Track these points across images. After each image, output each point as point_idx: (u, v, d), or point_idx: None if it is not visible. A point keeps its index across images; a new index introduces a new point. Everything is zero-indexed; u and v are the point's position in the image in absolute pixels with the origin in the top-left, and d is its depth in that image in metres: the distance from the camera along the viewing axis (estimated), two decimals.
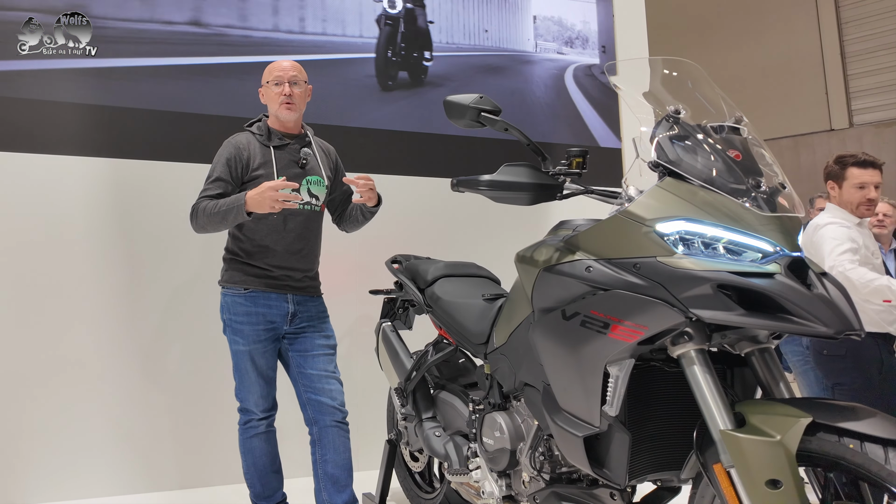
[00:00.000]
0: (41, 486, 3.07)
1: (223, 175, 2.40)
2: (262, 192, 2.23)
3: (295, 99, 2.47)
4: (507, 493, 2.01)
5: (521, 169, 1.73)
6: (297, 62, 2.55)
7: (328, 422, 2.42)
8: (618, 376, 1.52)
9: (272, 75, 2.50)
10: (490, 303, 2.23)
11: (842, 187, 2.88)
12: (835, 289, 1.38)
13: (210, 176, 2.42)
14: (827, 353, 2.79)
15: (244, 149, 2.43)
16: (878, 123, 10.34)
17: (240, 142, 2.45)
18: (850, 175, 2.86)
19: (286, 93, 2.46)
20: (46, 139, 3.19)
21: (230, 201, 2.31)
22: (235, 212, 2.28)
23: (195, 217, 2.38)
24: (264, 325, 2.42)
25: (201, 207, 2.36)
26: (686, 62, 1.74)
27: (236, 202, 2.28)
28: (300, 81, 2.51)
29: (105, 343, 3.22)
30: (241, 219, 2.30)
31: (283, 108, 2.47)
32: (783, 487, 1.24)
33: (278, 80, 2.47)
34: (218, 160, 2.43)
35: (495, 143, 4.03)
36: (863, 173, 2.84)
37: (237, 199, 2.29)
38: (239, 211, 2.27)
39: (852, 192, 2.85)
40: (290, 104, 2.46)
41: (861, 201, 2.83)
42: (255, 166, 2.42)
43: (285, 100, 2.46)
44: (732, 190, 1.46)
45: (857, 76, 10.52)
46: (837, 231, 2.76)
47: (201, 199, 2.39)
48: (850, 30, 10.58)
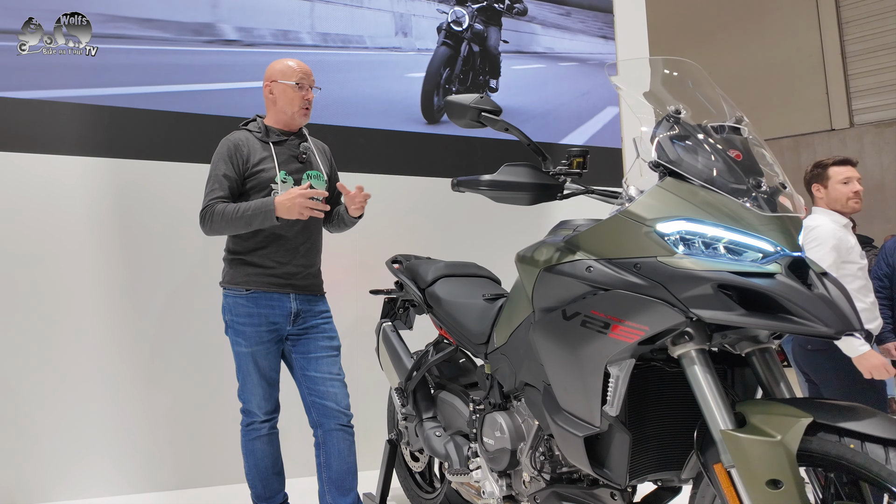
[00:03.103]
0: (41, 486, 3.07)
1: (227, 172, 2.37)
2: (292, 199, 2.23)
3: (311, 104, 2.50)
4: (507, 493, 2.01)
5: (522, 169, 1.73)
6: None
7: (333, 425, 2.41)
8: (618, 376, 1.52)
9: (296, 76, 2.48)
10: (490, 303, 2.23)
11: (827, 187, 3.00)
12: (835, 289, 1.38)
13: (213, 175, 2.39)
14: (811, 348, 2.87)
15: (243, 145, 2.42)
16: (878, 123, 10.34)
17: (238, 139, 2.44)
18: (832, 174, 2.99)
19: (308, 97, 2.48)
20: (46, 139, 3.19)
21: (257, 206, 2.28)
22: (263, 216, 2.26)
23: (210, 220, 2.34)
24: (267, 327, 2.41)
25: (218, 210, 2.32)
26: (686, 62, 1.74)
27: (265, 207, 2.27)
28: (314, 86, 2.53)
29: (105, 343, 3.22)
30: (269, 223, 2.29)
31: (302, 112, 2.48)
32: (784, 487, 1.24)
33: (302, 84, 2.47)
34: (219, 158, 2.41)
35: (495, 143, 4.04)
36: (844, 169, 2.98)
37: (265, 203, 2.28)
38: (267, 216, 2.26)
39: (839, 188, 2.96)
40: (309, 109, 2.49)
41: (849, 195, 2.94)
42: (255, 161, 2.41)
43: (306, 104, 2.48)
44: (733, 190, 1.45)
45: (858, 76, 10.52)
46: (820, 232, 2.83)
47: (214, 201, 2.35)
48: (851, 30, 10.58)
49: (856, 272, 2.83)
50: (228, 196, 2.36)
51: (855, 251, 2.88)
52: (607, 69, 1.76)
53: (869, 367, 2.67)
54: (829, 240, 2.80)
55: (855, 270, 2.83)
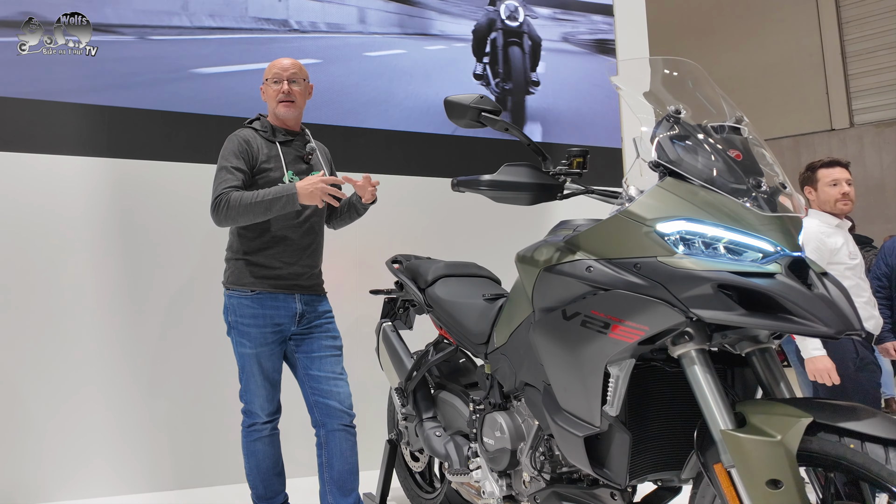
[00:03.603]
0: (41, 486, 3.07)
1: (239, 165, 2.36)
2: (313, 184, 2.24)
3: (294, 96, 2.48)
4: (507, 493, 2.01)
5: (522, 169, 1.73)
6: (297, 61, 2.56)
7: (335, 425, 2.41)
8: (618, 376, 1.52)
9: (271, 73, 2.50)
10: (490, 303, 2.23)
11: (817, 189, 3.05)
12: (835, 289, 1.38)
13: (224, 167, 2.35)
14: None
15: (252, 141, 2.42)
16: (878, 123, 10.34)
17: (246, 135, 2.44)
18: (821, 176, 3.04)
19: (284, 90, 2.46)
20: (46, 139, 3.19)
21: (277, 191, 2.27)
22: (286, 201, 2.25)
23: (226, 207, 2.28)
24: (271, 328, 2.41)
25: (234, 197, 2.28)
26: (686, 62, 1.74)
27: (286, 191, 2.26)
28: (299, 79, 2.51)
29: (105, 343, 3.22)
30: (290, 208, 2.28)
31: (282, 105, 2.47)
32: (784, 487, 1.24)
33: (277, 78, 2.48)
34: (229, 152, 2.39)
35: (495, 144, 4.04)
36: (831, 171, 3.02)
37: (287, 188, 2.27)
38: (290, 200, 2.25)
39: (827, 190, 3.01)
40: (288, 102, 2.47)
41: (837, 197, 2.98)
42: (263, 159, 2.41)
43: (283, 97, 2.46)
44: (733, 190, 1.45)
45: (858, 76, 10.52)
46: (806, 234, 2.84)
47: (228, 189, 2.31)
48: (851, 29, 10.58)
49: (843, 272, 2.85)
50: (242, 187, 2.34)
51: (842, 252, 2.90)
52: (607, 69, 1.76)
53: (814, 370, 2.74)
54: (808, 243, 2.82)
55: (842, 271, 2.86)
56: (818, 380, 2.72)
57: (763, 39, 10.97)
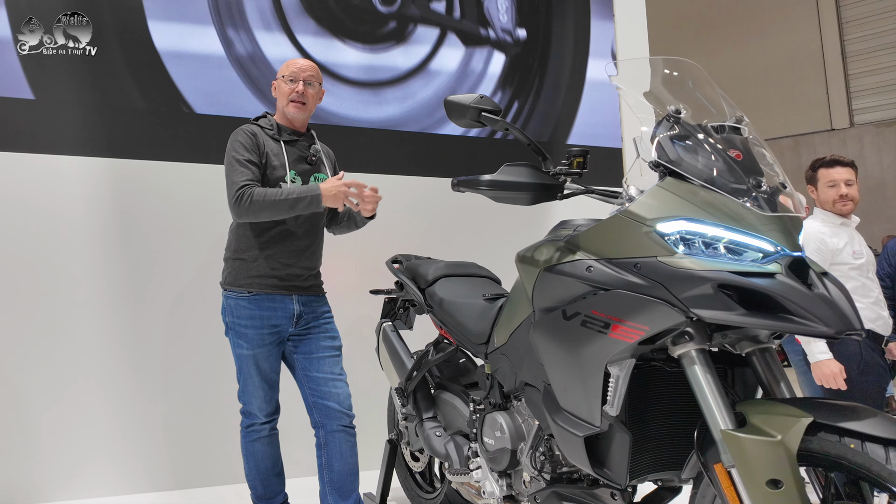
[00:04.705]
0: (41, 486, 3.07)
1: (251, 157, 2.35)
2: (336, 187, 2.28)
3: (306, 98, 2.48)
4: (507, 493, 2.01)
5: (522, 169, 1.73)
6: (314, 63, 2.56)
7: (335, 426, 2.40)
8: (618, 376, 1.52)
9: (288, 70, 2.50)
10: (490, 303, 2.23)
11: (818, 188, 3.04)
12: (836, 288, 1.38)
13: (236, 161, 2.33)
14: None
15: (259, 135, 2.42)
16: (878, 123, 10.35)
17: (253, 130, 2.43)
18: (821, 176, 3.03)
19: (298, 90, 2.46)
20: (46, 139, 3.19)
21: (301, 191, 2.29)
22: (309, 201, 2.27)
23: (249, 202, 2.26)
24: (269, 329, 2.40)
25: (258, 193, 2.27)
26: (686, 62, 1.74)
27: (310, 192, 2.28)
28: (314, 83, 2.52)
29: (105, 343, 3.22)
30: (314, 209, 2.31)
31: (292, 105, 2.47)
32: (784, 487, 1.24)
33: (293, 77, 2.47)
34: (239, 146, 2.37)
35: (495, 144, 4.04)
36: (831, 172, 3.00)
37: (310, 188, 2.30)
38: (313, 201, 2.27)
39: (826, 191, 3.00)
40: (299, 103, 2.47)
41: (835, 198, 2.97)
42: (266, 157, 2.41)
43: (297, 97, 2.46)
44: (733, 190, 1.45)
45: (858, 76, 10.53)
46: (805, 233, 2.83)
47: (247, 183, 2.29)
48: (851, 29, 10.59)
49: (847, 272, 2.81)
50: (258, 181, 2.34)
51: (845, 252, 2.86)
52: (607, 69, 1.76)
53: (821, 374, 2.69)
54: (808, 244, 2.80)
55: (846, 271, 2.81)
56: (825, 384, 2.67)
57: (763, 39, 10.97)
